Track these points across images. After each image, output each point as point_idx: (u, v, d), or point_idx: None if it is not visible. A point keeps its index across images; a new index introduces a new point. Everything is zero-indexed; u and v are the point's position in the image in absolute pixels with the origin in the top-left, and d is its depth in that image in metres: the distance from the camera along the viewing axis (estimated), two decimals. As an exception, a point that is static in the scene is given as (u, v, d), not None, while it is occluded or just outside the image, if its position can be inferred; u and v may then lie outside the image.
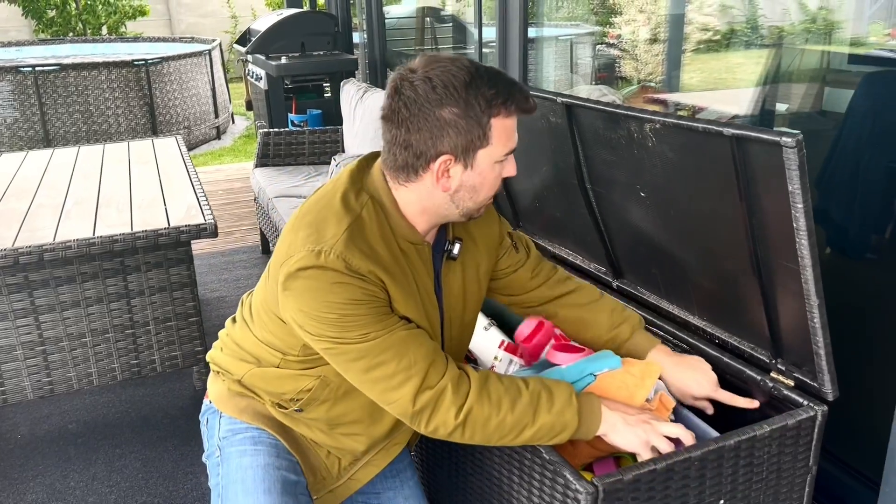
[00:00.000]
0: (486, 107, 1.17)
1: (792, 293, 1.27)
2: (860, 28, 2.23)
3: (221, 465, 1.43)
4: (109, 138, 6.51)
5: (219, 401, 1.47)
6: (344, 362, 1.22)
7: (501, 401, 1.20)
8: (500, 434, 1.21)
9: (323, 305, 1.18)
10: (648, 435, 1.23)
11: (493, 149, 1.21)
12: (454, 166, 1.21)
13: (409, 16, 5.37)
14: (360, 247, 1.19)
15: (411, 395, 1.19)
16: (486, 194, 1.27)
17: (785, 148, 1.11)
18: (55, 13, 9.28)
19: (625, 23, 3.34)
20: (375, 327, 1.19)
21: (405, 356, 1.19)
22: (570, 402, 1.22)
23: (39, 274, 2.33)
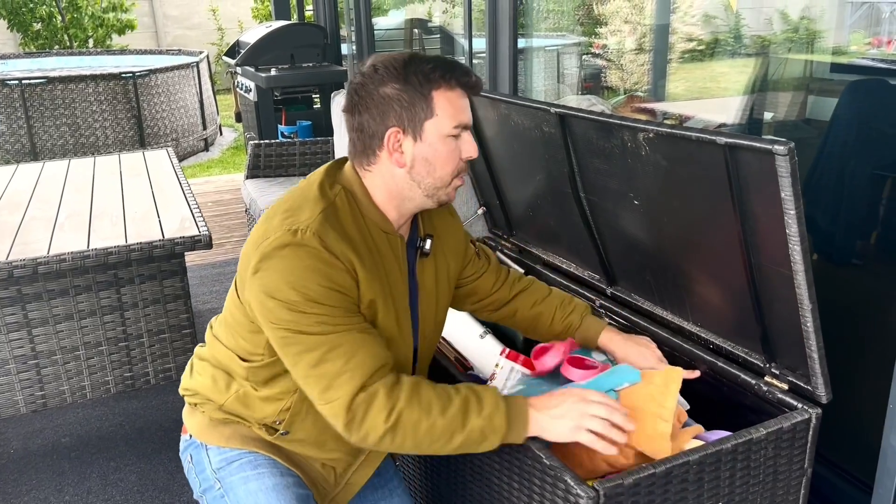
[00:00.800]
0: (425, 80, 1.25)
1: (785, 298, 1.30)
2: (841, 37, 2.27)
3: (227, 496, 1.40)
4: (97, 151, 6.49)
5: (201, 433, 1.46)
6: (295, 353, 1.23)
7: (432, 405, 1.22)
8: (431, 439, 1.23)
9: (291, 286, 1.20)
10: (578, 420, 1.24)
11: (440, 120, 1.27)
12: (404, 139, 1.27)
13: (398, 27, 5.40)
14: (334, 227, 1.24)
15: (350, 396, 1.21)
16: (443, 170, 1.30)
17: (777, 156, 1.14)
18: (41, 26, 9.25)
19: (610, 33, 3.38)
20: (334, 321, 1.21)
21: (354, 357, 1.21)
22: (499, 407, 1.24)
23: (33, 287, 2.32)
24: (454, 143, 1.30)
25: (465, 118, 1.30)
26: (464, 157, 1.32)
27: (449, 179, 1.32)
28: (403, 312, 1.37)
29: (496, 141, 2.04)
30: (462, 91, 1.29)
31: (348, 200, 1.30)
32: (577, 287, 1.94)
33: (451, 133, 1.28)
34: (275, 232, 1.23)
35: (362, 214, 1.31)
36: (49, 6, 9.13)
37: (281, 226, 1.23)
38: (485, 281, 1.63)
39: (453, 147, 1.30)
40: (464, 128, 1.30)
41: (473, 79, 1.30)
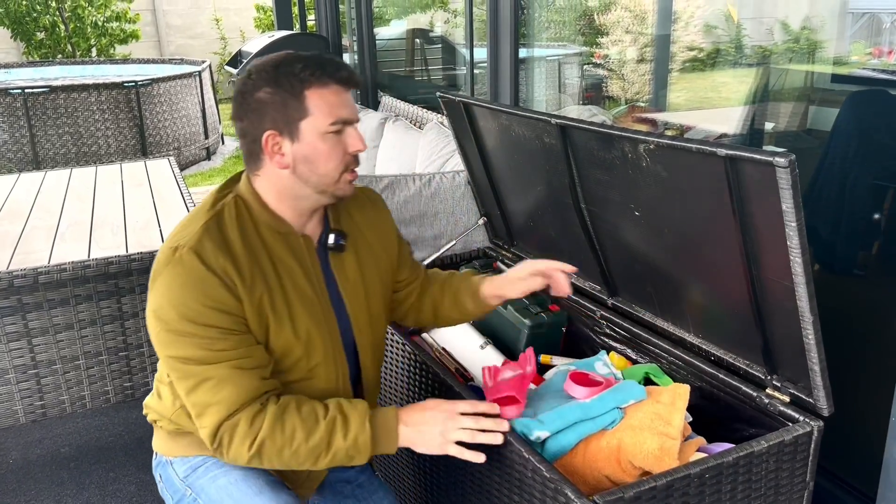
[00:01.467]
0: (296, 81, 1.27)
1: (786, 310, 1.29)
2: (842, 47, 2.27)
3: (199, 498, 1.43)
4: (99, 160, 6.50)
5: (163, 448, 1.50)
6: (175, 378, 1.29)
7: (295, 432, 1.27)
8: (298, 461, 1.29)
9: (171, 304, 1.24)
10: (446, 435, 1.28)
11: (316, 119, 1.28)
12: (283, 141, 1.30)
13: (399, 37, 5.41)
14: (214, 239, 1.27)
15: (214, 426, 1.26)
16: (326, 166, 1.32)
17: (778, 168, 1.14)
18: (44, 35, 9.29)
19: (612, 43, 3.39)
20: (210, 345, 1.25)
21: (221, 391, 1.25)
22: (364, 429, 1.28)
23: (33, 296, 2.32)
24: (335, 139, 1.31)
25: (343, 113, 1.31)
26: (350, 150, 1.33)
27: (336, 175, 1.33)
28: (320, 307, 1.38)
29: (497, 151, 2.04)
30: (338, 87, 1.30)
31: (237, 208, 1.33)
32: (578, 298, 1.94)
33: (328, 130, 1.30)
34: (161, 251, 1.29)
35: (254, 220, 1.34)
36: (52, 16, 9.17)
37: (166, 245, 1.29)
38: (414, 289, 1.66)
39: (334, 143, 1.31)
40: (344, 122, 1.31)
41: (346, 73, 1.31)
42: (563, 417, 1.36)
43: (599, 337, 1.89)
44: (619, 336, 1.81)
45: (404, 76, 5.19)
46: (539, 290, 1.59)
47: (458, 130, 2.16)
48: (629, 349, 1.78)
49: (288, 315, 1.33)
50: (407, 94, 4.50)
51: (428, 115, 3.45)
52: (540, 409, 1.41)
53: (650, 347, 1.70)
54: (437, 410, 1.31)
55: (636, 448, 1.28)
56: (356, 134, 1.34)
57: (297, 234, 1.37)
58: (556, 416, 1.36)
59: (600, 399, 1.38)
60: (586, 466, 1.34)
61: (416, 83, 5.06)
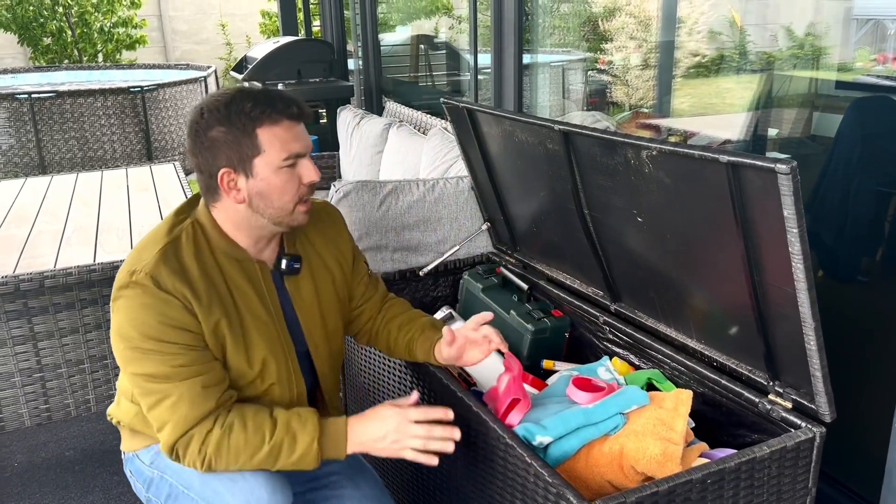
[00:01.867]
0: (248, 119, 1.32)
1: (788, 316, 1.30)
2: (847, 54, 2.27)
3: (165, 475, 1.49)
4: (105, 164, 6.52)
5: (129, 445, 1.58)
6: (137, 393, 1.36)
7: (240, 454, 1.33)
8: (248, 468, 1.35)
9: (131, 324, 1.31)
10: (400, 444, 1.34)
11: (269, 156, 1.34)
12: (237, 177, 1.35)
13: (404, 43, 5.43)
14: (171, 265, 1.33)
15: (172, 442, 1.34)
16: (281, 200, 1.37)
17: (779, 174, 1.14)
18: (51, 41, 9.33)
19: (616, 49, 3.39)
20: (171, 361, 1.31)
21: (178, 410, 1.32)
22: (312, 447, 1.34)
23: (39, 301, 2.33)
24: (289, 172, 1.36)
25: (295, 148, 1.36)
26: (305, 182, 1.39)
27: (291, 207, 1.39)
28: (276, 331, 1.45)
29: (500, 157, 2.05)
30: (289, 122, 1.35)
31: (195, 234, 1.39)
32: (580, 303, 1.94)
33: (282, 165, 1.35)
34: (120, 274, 1.35)
35: (211, 247, 1.40)
36: (59, 21, 9.22)
37: (124, 268, 1.35)
38: (370, 308, 1.70)
39: (289, 177, 1.36)
40: (297, 156, 1.36)
41: (295, 109, 1.36)
42: (565, 423, 1.36)
43: (602, 342, 1.89)
44: (622, 341, 1.81)
45: (409, 82, 5.20)
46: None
47: (461, 136, 2.17)
48: (632, 354, 1.78)
49: (243, 339, 1.40)
50: (411, 100, 4.51)
51: (432, 120, 3.46)
52: (542, 414, 1.41)
53: (652, 353, 1.70)
54: (389, 420, 1.36)
55: (639, 453, 1.28)
56: (309, 165, 1.39)
57: (253, 261, 1.44)
58: (558, 422, 1.36)
59: (603, 404, 1.38)
60: (589, 472, 1.34)
61: (421, 89, 5.07)
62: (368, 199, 2.32)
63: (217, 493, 1.38)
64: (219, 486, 1.38)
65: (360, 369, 2.15)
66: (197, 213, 1.43)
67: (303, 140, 1.38)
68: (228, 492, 1.36)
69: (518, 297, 2.12)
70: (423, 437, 1.33)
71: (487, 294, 2.15)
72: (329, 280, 1.58)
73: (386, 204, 2.34)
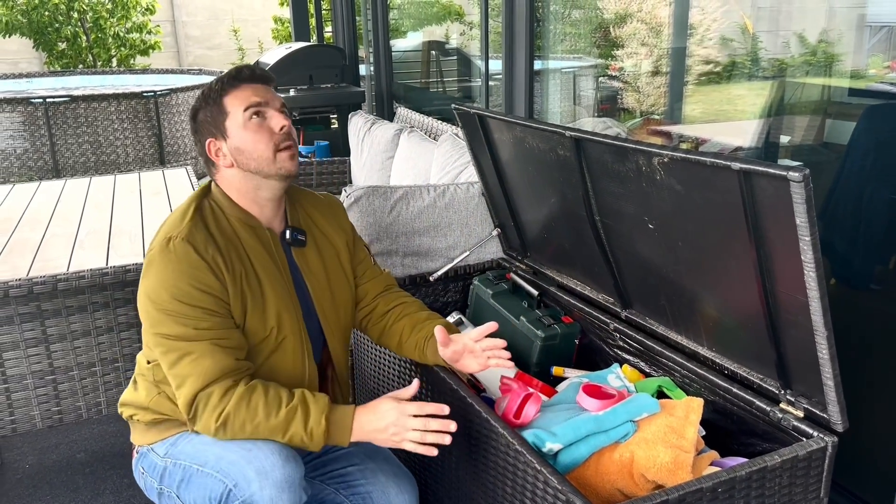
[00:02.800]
0: (215, 94, 1.52)
1: (800, 325, 1.29)
2: (860, 61, 2.26)
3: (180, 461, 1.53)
4: (118, 168, 6.57)
5: (143, 439, 1.62)
6: (160, 354, 1.45)
7: (258, 411, 1.41)
8: (257, 437, 1.42)
9: (163, 285, 1.42)
10: (399, 436, 1.41)
11: (234, 115, 1.51)
12: (220, 143, 1.53)
13: (416, 49, 5.45)
14: (202, 233, 1.47)
15: (191, 396, 1.42)
16: (257, 148, 1.51)
17: (792, 182, 1.14)
18: (66, 46, 9.42)
19: (627, 55, 3.39)
20: (195, 323, 1.42)
21: (200, 364, 1.41)
22: (320, 423, 1.41)
23: (52, 303, 2.35)
24: (257, 123, 1.51)
25: (254, 99, 1.51)
26: (276, 130, 1.52)
27: (271, 154, 1.51)
28: (287, 290, 1.56)
29: (511, 163, 2.05)
30: (246, 84, 1.52)
31: (212, 208, 1.55)
32: (591, 310, 1.94)
33: (247, 119, 1.50)
34: (154, 242, 1.48)
35: (226, 216, 1.55)
36: (74, 26, 9.30)
37: (159, 235, 1.48)
38: (374, 285, 1.79)
39: (257, 127, 1.51)
40: (257, 106, 1.51)
41: (249, 71, 1.54)
42: (575, 430, 1.36)
43: (612, 349, 1.89)
44: (632, 349, 1.80)
45: (420, 88, 5.22)
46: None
47: (472, 142, 2.18)
48: (642, 362, 1.78)
49: (261, 298, 1.51)
50: (422, 106, 4.52)
51: (443, 126, 3.46)
52: (552, 421, 1.41)
53: (663, 360, 1.70)
54: (388, 414, 1.42)
55: (649, 461, 1.28)
56: (276, 114, 1.53)
57: (265, 228, 1.58)
58: (568, 429, 1.36)
59: (613, 412, 1.38)
60: (598, 479, 1.34)
61: (432, 95, 5.08)
62: (379, 205, 2.32)
63: (233, 464, 1.42)
64: (234, 457, 1.43)
65: (370, 372, 2.16)
66: (211, 191, 1.59)
67: (262, 94, 1.52)
68: (244, 460, 1.41)
69: (528, 304, 2.12)
70: (420, 429, 1.40)
71: (497, 300, 2.15)
72: (334, 254, 1.70)
73: (396, 209, 2.34)
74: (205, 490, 1.47)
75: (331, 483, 1.67)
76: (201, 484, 1.47)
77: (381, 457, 1.68)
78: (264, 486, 1.38)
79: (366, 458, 1.66)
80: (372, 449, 1.68)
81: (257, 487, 1.38)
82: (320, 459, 1.69)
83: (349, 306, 1.74)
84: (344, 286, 1.71)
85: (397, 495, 1.62)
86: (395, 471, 1.65)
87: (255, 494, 1.38)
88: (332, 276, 1.68)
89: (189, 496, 1.50)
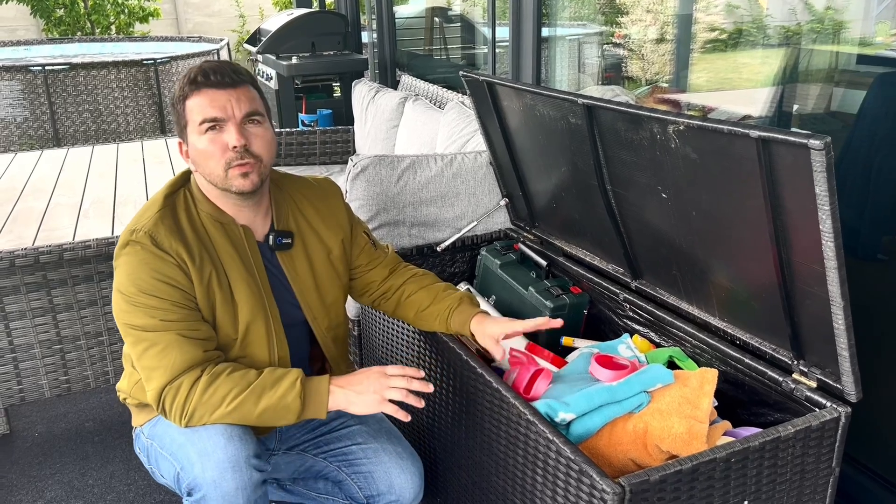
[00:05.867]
0: (180, 96, 1.47)
1: (815, 295, 1.28)
2: (867, 28, 2.23)
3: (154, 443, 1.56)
4: (119, 137, 6.52)
5: (136, 421, 1.66)
6: (129, 344, 1.45)
7: (225, 397, 1.39)
8: (229, 420, 1.41)
9: (129, 278, 1.41)
10: (380, 393, 1.40)
11: (192, 124, 1.46)
12: (185, 146, 1.51)
13: (418, 15, 5.37)
14: (167, 226, 1.45)
15: (159, 389, 1.41)
16: (208, 163, 1.46)
17: (812, 150, 1.12)
18: (64, 12, 9.29)
19: (632, 22, 3.34)
20: (162, 315, 1.41)
21: (167, 356, 1.40)
22: (293, 388, 1.40)
23: (58, 273, 2.34)
24: (211, 137, 1.44)
25: (210, 113, 1.43)
26: (229, 146, 1.44)
27: (221, 172, 1.46)
28: (259, 292, 1.53)
29: (520, 131, 2.02)
30: (210, 90, 1.44)
31: (186, 201, 1.52)
32: (600, 280, 1.93)
33: (201, 131, 1.44)
34: (122, 234, 1.46)
35: (198, 211, 1.52)
36: (72, -8, 9.18)
37: (126, 229, 1.47)
38: (378, 272, 1.77)
39: (210, 141, 1.44)
40: (213, 121, 1.43)
41: (215, 78, 1.44)
42: (588, 400, 1.36)
43: (622, 320, 1.88)
44: (643, 319, 1.80)
45: (423, 55, 5.15)
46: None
47: (481, 110, 2.15)
48: (652, 332, 1.77)
49: (231, 297, 1.49)
50: (426, 74, 4.47)
51: (448, 94, 3.42)
52: (565, 391, 1.41)
53: (674, 331, 1.69)
54: (369, 373, 1.44)
55: (664, 432, 1.28)
56: (232, 130, 1.44)
57: (237, 225, 1.53)
58: (581, 399, 1.36)
59: (627, 382, 1.37)
60: (611, 449, 1.34)
61: (436, 62, 5.02)
62: (386, 174, 2.30)
63: (181, 447, 1.45)
64: (182, 440, 1.45)
65: (377, 345, 2.16)
66: (189, 182, 1.56)
67: (222, 107, 1.43)
68: (189, 442, 1.43)
69: (536, 274, 2.11)
70: (402, 388, 1.41)
71: (505, 270, 2.14)
72: (324, 253, 1.65)
73: (404, 179, 2.32)
74: (167, 472, 1.53)
75: (333, 461, 1.68)
76: (164, 466, 1.53)
77: (386, 437, 1.67)
78: (206, 468, 1.38)
79: (369, 438, 1.66)
80: (376, 429, 1.68)
81: (199, 469, 1.39)
82: (324, 437, 1.70)
83: (339, 304, 1.71)
84: (334, 284, 1.68)
85: (399, 475, 1.61)
86: (399, 451, 1.65)
87: (199, 477, 1.39)
88: (319, 276, 1.64)
89: (165, 477, 1.56)
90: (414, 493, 1.62)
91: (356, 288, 1.79)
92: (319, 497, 1.77)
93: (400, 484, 1.61)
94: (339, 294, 1.70)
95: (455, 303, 1.67)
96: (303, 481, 1.78)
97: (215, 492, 1.38)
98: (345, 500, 1.71)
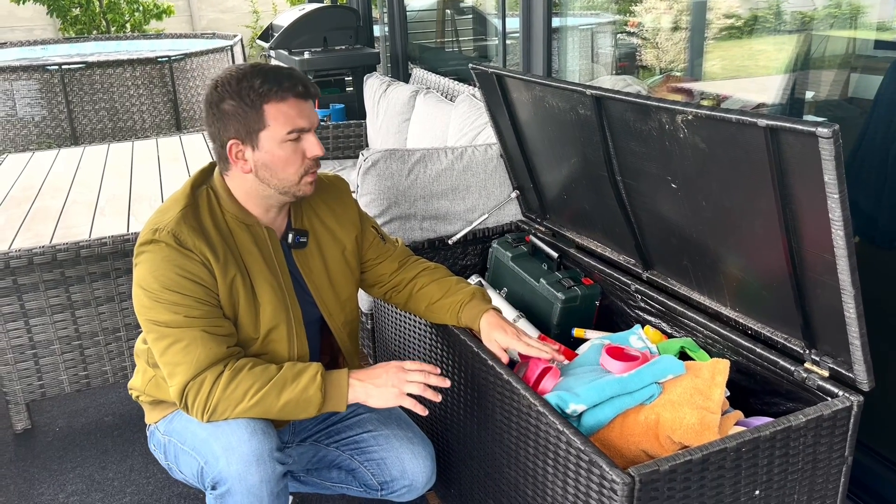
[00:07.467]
0: (256, 96, 1.41)
1: (826, 284, 1.27)
2: (886, 12, 2.20)
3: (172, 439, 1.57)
4: (135, 134, 6.58)
5: (150, 418, 1.66)
6: (152, 340, 1.45)
7: (248, 391, 1.41)
8: (251, 414, 1.42)
9: (153, 275, 1.41)
10: (398, 387, 1.43)
11: (273, 130, 1.43)
12: (245, 149, 1.45)
13: (430, 8, 5.36)
14: (190, 224, 1.44)
15: (182, 384, 1.42)
16: (285, 172, 1.46)
17: (821, 138, 1.11)
18: (79, 12, 9.37)
19: (645, 11, 3.32)
20: (185, 311, 1.41)
21: (191, 352, 1.40)
22: (314, 381, 1.42)
23: (75, 270, 2.37)
24: (293, 146, 1.45)
25: (300, 123, 1.44)
26: (309, 156, 1.47)
27: (296, 179, 1.48)
28: (282, 292, 1.54)
29: (530, 123, 2.02)
30: (295, 99, 1.43)
31: (208, 198, 1.50)
32: (611, 271, 1.93)
33: (285, 139, 1.43)
34: (143, 232, 1.46)
35: (223, 211, 1.50)
36: (87, -9, 9.25)
37: (147, 227, 1.46)
38: (387, 265, 1.78)
39: (292, 150, 1.45)
40: (300, 131, 1.44)
41: (301, 88, 1.44)
42: (599, 391, 1.36)
43: (633, 310, 1.88)
44: (654, 310, 1.80)
45: (435, 48, 5.15)
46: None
47: (490, 103, 2.15)
48: (664, 323, 1.77)
49: (254, 298, 1.49)
50: (437, 66, 4.46)
51: (459, 87, 3.42)
52: (576, 382, 1.41)
53: (685, 321, 1.69)
54: (387, 367, 1.46)
55: (676, 423, 1.28)
56: (314, 140, 1.47)
57: (262, 226, 1.53)
58: (592, 390, 1.36)
59: (638, 373, 1.37)
60: (623, 441, 1.34)
61: (447, 55, 5.02)
62: (397, 168, 2.31)
63: (204, 441, 1.46)
64: (204, 435, 1.46)
65: (389, 339, 2.17)
66: (212, 181, 1.53)
67: (307, 116, 1.45)
68: (212, 437, 1.44)
69: (548, 266, 2.11)
70: (420, 382, 1.43)
71: (517, 262, 2.15)
72: (338, 251, 1.66)
73: (414, 172, 2.33)
74: (188, 467, 1.53)
75: (345, 450, 1.70)
76: (185, 462, 1.54)
77: (396, 423, 1.69)
78: (231, 462, 1.40)
79: (380, 425, 1.67)
80: (386, 415, 1.70)
81: (224, 463, 1.41)
82: (335, 427, 1.72)
83: (354, 299, 1.73)
84: (348, 281, 1.70)
85: (411, 461, 1.63)
86: (411, 437, 1.66)
87: (224, 471, 1.41)
88: (334, 274, 1.66)
89: (184, 472, 1.57)
90: (427, 476, 1.64)
91: (366, 281, 1.81)
92: (334, 486, 1.79)
93: (412, 469, 1.63)
94: (352, 290, 1.72)
95: (467, 297, 1.68)
96: (316, 471, 1.80)
97: (240, 485, 1.40)
98: (359, 487, 1.72)
